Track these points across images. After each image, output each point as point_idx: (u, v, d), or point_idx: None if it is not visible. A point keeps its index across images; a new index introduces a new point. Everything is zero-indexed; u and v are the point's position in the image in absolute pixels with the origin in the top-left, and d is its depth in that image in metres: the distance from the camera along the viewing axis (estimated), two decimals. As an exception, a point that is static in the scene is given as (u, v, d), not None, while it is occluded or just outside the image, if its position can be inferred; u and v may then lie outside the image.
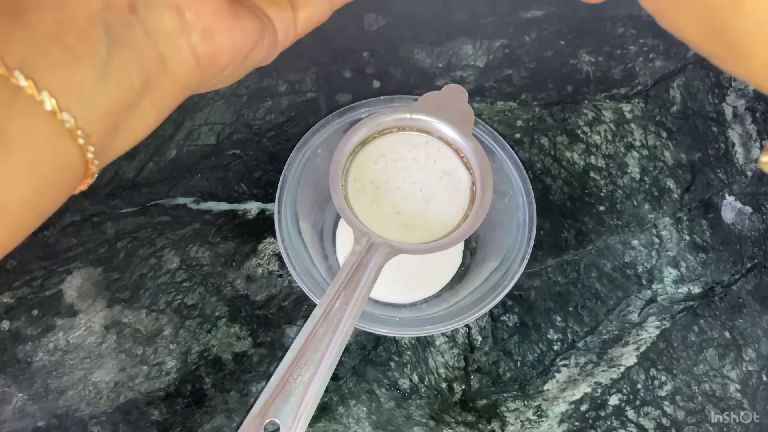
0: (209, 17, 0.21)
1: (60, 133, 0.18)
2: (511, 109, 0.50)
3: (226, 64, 0.23)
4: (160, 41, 0.20)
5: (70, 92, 0.18)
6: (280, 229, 0.37)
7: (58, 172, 0.18)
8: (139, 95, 0.20)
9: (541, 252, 0.45)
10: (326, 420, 0.39)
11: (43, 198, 0.18)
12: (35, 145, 0.17)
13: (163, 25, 0.20)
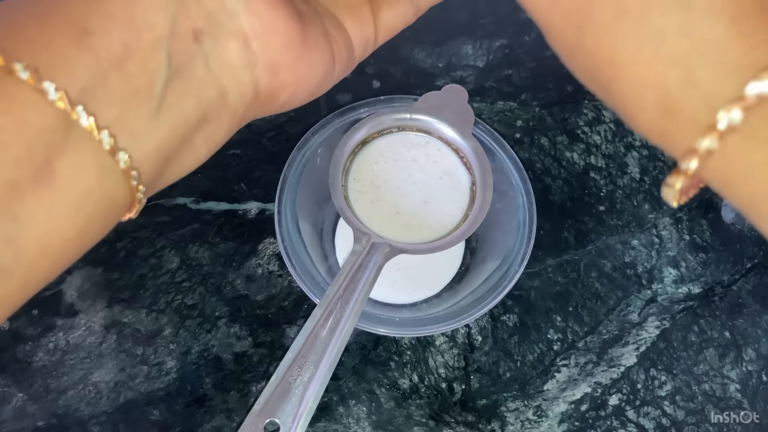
0: (278, 51, 0.20)
1: (112, 172, 0.16)
2: (511, 109, 0.50)
3: (286, 100, 0.21)
4: (222, 74, 0.19)
5: (123, 127, 0.17)
6: (280, 229, 0.37)
7: (105, 210, 0.17)
8: (195, 130, 0.19)
9: (541, 252, 0.45)
10: (326, 420, 0.39)
11: (86, 236, 0.17)
12: (84, 183, 0.16)
13: (227, 56, 0.19)
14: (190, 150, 0.19)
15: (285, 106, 0.22)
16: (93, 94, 0.16)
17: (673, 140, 0.15)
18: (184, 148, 0.19)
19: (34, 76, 0.15)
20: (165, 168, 0.19)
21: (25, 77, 0.14)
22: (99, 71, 0.16)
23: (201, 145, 0.19)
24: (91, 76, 0.16)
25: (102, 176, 0.16)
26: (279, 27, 0.19)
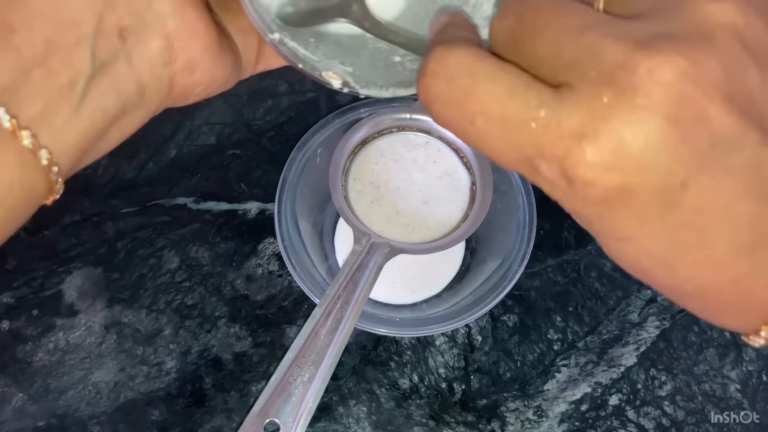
0: (197, 52, 0.21)
1: (33, 167, 0.17)
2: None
3: (197, 95, 0.23)
4: (142, 70, 0.19)
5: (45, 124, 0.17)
6: (280, 229, 0.37)
7: (25, 202, 0.18)
8: (112, 123, 0.20)
9: (541, 252, 0.45)
10: (326, 420, 0.39)
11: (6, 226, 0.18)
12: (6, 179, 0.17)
13: (149, 54, 0.19)
14: (105, 140, 0.20)
15: (195, 99, 0.23)
16: (15, 92, 0.16)
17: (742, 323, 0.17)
18: (100, 139, 0.20)
19: None
20: (82, 158, 0.19)
21: None
22: (21, 69, 0.16)
23: (115, 135, 0.20)
24: (13, 74, 0.16)
25: (23, 172, 0.17)
26: (200, 30, 0.20)
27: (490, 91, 0.15)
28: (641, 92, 0.13)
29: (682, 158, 0.13)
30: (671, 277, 0.16)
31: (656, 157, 0.13)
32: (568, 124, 0.14)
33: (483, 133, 0.16)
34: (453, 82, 0.16)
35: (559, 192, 0.15)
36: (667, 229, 0.14)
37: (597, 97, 0.13)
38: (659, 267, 0.16)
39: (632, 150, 0.13)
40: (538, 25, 0.15)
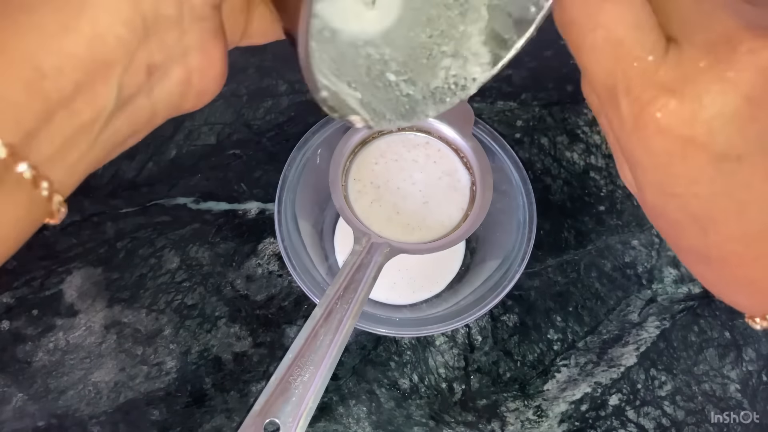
0: (210, 82, 0.21)
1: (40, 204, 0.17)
2: (511, 109, 0.50)
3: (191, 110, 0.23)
4: (159, 101, 0.20)
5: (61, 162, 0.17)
6: (280, 229, 0.37)
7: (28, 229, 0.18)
8: (121, 145, 0.20)
9: (541, 252, 0.45)
10: (326, 420, 0.39)
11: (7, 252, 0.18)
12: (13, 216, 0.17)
13: (169, 86, 0.20)
14: (107, 159, 0.20)
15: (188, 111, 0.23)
16: (36, 136, 0.16)
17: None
18: (106, 159, 0.20)
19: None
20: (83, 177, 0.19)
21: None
22: (47, 113, 0.16)
23: (116, 153, 0.20)
24: (39, 120, 0.16)
25: (31, 209, 0.17)
26: (217, 60, 0.20)
27: (624, 14, 0.16)
28: (735, 67, 0.14)
29: (746, 135, 0.15)
30: (702, 240, 0.17)
31: (725, 126, 0.15)
32: (665, 77, 0.15)
33: (594, 44, 0.17)
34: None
35: (624, 130, 0.16)
36: (714, 194, 0.16)
37: (696, 60, 0.15)
38: (695, 227, 0.17)
39: (707, 114, 0.15)
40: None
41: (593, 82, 0.18)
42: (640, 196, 0.19)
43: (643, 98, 0.16)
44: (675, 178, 0.16)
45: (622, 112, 0.16)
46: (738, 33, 0.15)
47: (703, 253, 0.18)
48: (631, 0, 0.16)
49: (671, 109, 0.15)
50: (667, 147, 0.16)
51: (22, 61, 0.15)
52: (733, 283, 0.18)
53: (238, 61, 0.51)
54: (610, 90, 0.17)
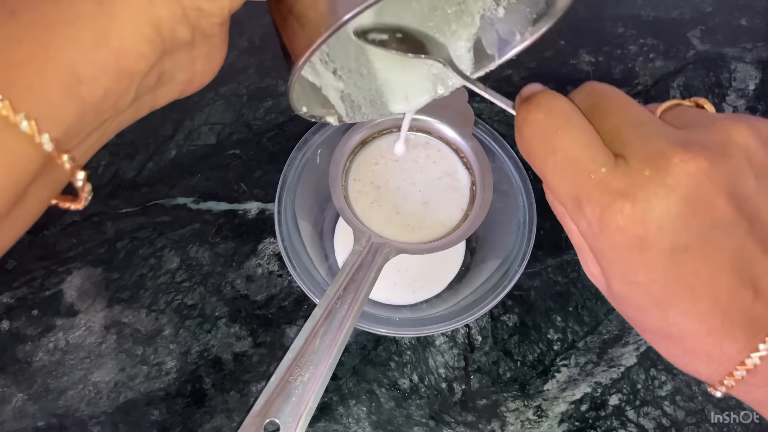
0: (209, 77, 0.23)
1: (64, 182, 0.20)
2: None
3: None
4: (161, 97, 0.22)
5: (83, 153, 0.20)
6: (280, 229, 0.37)
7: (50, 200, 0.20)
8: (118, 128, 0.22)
9: (541, 252, 0.45)
10: (326, 420, 0.39)
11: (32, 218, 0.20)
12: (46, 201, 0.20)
13: (174, 87, 0.22)
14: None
15: None
16: (74, 134, 0.19)
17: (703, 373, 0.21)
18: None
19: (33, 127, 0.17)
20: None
21: (26, 129, 0.17)
22: (81, 114, 0.18)
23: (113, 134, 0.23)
24: (74, 119, 0.18)
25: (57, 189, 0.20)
26: (218, 65, 0.23)
27: (576, 137, 0.20)
28: (672, 175, 0.18)
29: (689, 228, 0.18)
30: (663, 320, 0.20)
31: (671, 222, 0.18)
32: (617, 185, 0.19)
33: (555, 165, 0.20)
34: (551, 117, 0.21)
35: (590, 231, 0.20)
36: (669, 279, 0.19)
37: (641, 171, 0.19)
38: (656, 310, 0.20)
39: (656, 214, 0.18)
40: (612, 109, 0.21)
41: (558, 195, 0.21)
42: (605, 287, 0.22)
43: (602, 203, 0.19)
44: (636, 268, 0.19)
45: (587, 217, 0.20)
46: (671, 149, 0.18)
47: (664, 331, 0.20)
48: (580, 126, 0.20)
49: (626, 212, 0.19)
50: (627, 242, 0.19)
51: (64, 69, 0.17)
52: (692, 355, 0.20)
53: (238, 61, 0.51)
54: (574, 199, 0.20)
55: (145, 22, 0.19)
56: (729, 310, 0.19)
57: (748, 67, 0.55)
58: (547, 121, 0.21)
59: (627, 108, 0.21)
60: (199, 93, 0.52)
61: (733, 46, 0.56)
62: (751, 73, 0.55)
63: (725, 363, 0.19)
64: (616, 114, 0.21)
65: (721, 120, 0.20)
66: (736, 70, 0.55)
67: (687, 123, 0.20)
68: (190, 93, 0.24)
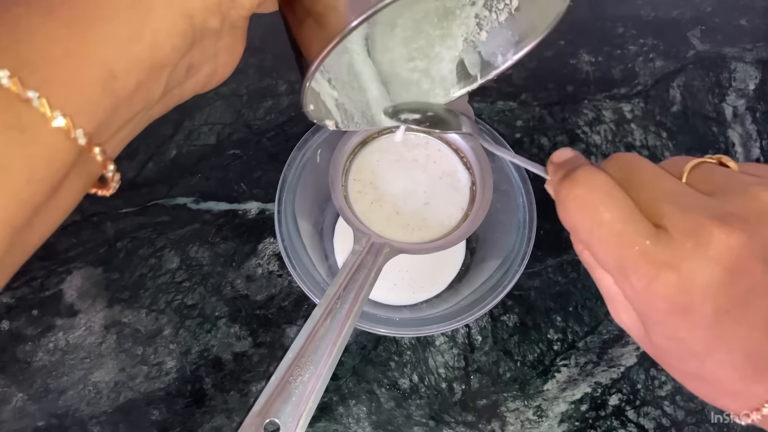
0: (229, 70, 0.24)
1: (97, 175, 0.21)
2: (511, 109, 0.50)
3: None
4: (187, 90, 0.23)
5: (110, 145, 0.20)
6: (280, 229, 0.37)
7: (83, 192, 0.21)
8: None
9: (541, 252, 0.45)
10: (326, 420, 0.39)
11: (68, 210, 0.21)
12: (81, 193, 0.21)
13: (199, 80, 0.23)
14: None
15: None
16: (106, 127, 0.19)
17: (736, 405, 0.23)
18: None
19: (68, 123, 0.17)
20: None
21: (62, 125, 0.17)
22: (114, 108, 0.19)
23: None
24: (108, 113, 0.19)
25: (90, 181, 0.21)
26: (238, 57, 0.24)
27: (618, 212, 0.22)
28: (713, 248, 0.20)
29: (729, 294, 0.20)
30: (699, 367, 0.22)
31: (713, 290, 0.20)
32: (662, 257, 0.20)
33: (600, 238, 0.22)
34: (593, 194, 0.22)
35: (636, 297, 0.21)
36: (709, 336, 0.21)
37: (683, 243, 0.20)
38: (694, 360, 0.22)
39: (699, 283, 0.20)
40: (645, 182, 0.22)
41: (605, 264, 0.22)
42: (641, 336, 0.24)
43: (649, 274, 0.21)
44: (679, 328, 0.21)
45: (633, 285, 0.21)
46: (710, 222, 0.20)
47: (699, 376, 0.23)
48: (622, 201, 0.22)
49: (672, 282, 0.20)
50: (672, 309, 0.21)
51: (100, 65, 0.18)
52: (722, 394, 0.23)
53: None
54: (620, 269, 0.21)
55: (180, 15, 0.19)
56: (759, 357, 0.21)
57: (748, 67, 0.55)
58: (590, 197, 0.22)
59: (660, 180, 0.22)
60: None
61: (733, 46, 0.56)
62: (751, 73, 0.55)
63: (752, 401, 0.22)
64: (651, 187, 0.22)
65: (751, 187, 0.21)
66: (736, 70, 0.55)
67: (717, 187, 0.22)
68: (212, 87, 0.24)
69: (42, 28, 0.17)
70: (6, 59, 0.17)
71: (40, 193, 0.18)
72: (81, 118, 0.18)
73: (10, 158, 0.17)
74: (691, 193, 0.22)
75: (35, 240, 0.20)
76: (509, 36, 0.30)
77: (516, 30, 0.30)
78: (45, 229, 0.20)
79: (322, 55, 0.21)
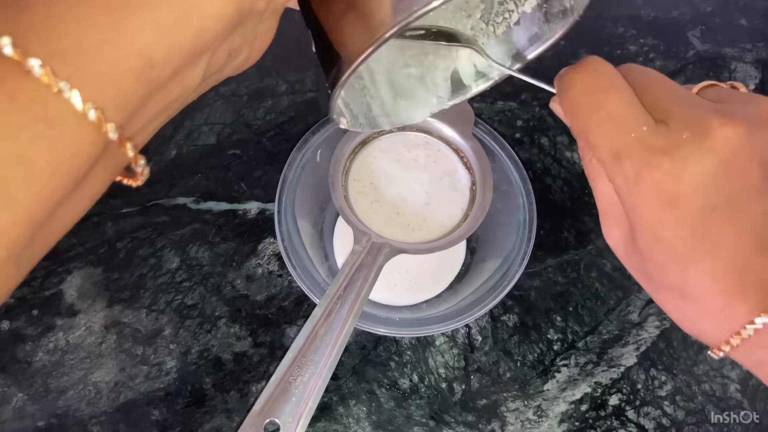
0: (257, 57, 0.23)
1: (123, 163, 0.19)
2: (511, 109, 0.50)
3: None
4: (222, 77, 0.22)
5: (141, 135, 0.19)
6: (280, 229, 0.37)
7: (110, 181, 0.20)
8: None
9: (541, 252, 0.45)
10: (326, 420, 0.39)
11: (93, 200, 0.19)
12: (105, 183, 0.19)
13: (236, 65, 0.22)
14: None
15: None
16: (136, 115, 0.18)
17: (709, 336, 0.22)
18: None
19: (100, 116, 0.16)
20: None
21: (93, 118, 0.16)
22: (147, 96, 0.18)
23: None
24: (140, 102, 0.18)
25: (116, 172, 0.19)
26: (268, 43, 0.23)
27: (621, 97, 0.21)
28: (710, 138, 0.19)
29: (720, 190, 0.19)
30: (680, 277, 0.21)
31: (704, 181, 0.19)
32: (657, 143, 0.20)
33: (598, 121, 0.22)
34: (597, 78, 0.22)
35: (626, 185, 0.21)
36: (694, 237, 0.20)
37: (680, 132, 0.20)
38: (675, 266, 0.21)
39: (691, 172, 0.19)
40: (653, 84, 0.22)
41: (599, 150, 0.22)
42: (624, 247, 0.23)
43: (641, 158, 0.20)
44: (665, 224, 0.20)
45: (625, 171, 0.21)
46: (710, 115, 0.20)
47: (680, 288, 0.21)
48: (625, 88, 0.22)
49: (664, 168, 0.20)
50: (660, 197, 0.20)
51: (138, 54, 0.17)
52: (702, 314, 0.21)
53: (238, 61, 0.51)
54: (614, 155, 0.21)
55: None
56: (745, 271, 0.20)
57: (748, 67, 0.55)
58: (593, 81, 0.22)
59: (666, 83, 0.22)
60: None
61: (733, 46, 0.56)
62: (751, 73, 0.55)
63: (733, 322, 0.20)
64: (657, 88, 0.22)
65: (758, 97, 0.21)
66: (736, 70, 0.55)
67: (724, 99, 0.22)
68: (241, 71, 0.23)
69: (78, 13, 0.16)
70: (38, 46, 0.15)
71: (63, 187, 0.17)
72: (113, 111, 0.17)
73: (35, 153, 0.15)
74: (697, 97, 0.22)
75: (56, 233, 0.18)
76: (505, 50, 0.30)
77: (510, 45, 0.30)
78: (66, 223, 0.19)
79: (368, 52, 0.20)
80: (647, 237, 0.21)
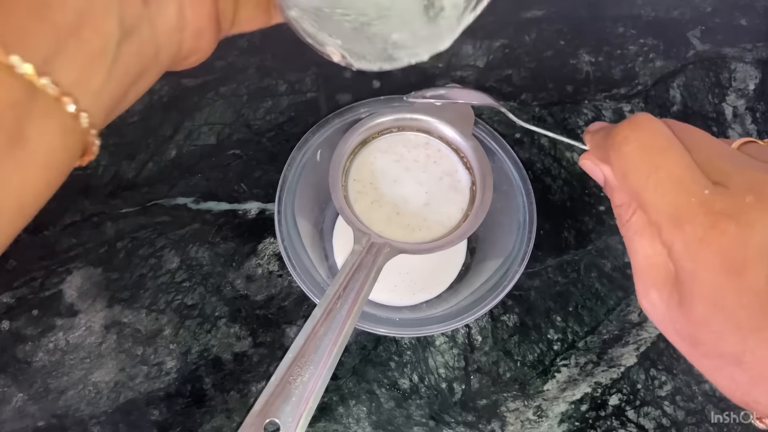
0: (204, 19, 0.22)
1: (74, 131, 0.18)
2: (511, 109, 0.50)
3: (191, 62, 0.24)
4: (160, 35, 0.21)
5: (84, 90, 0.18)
6: (280, 229, 0.37)
7: (68, 163, 0.19)
8: (133, 84, 0.21)
9: (541, 252, 0.45)
10: (326, 420, 0.39)
11: (52, 189, 0.19)
12: (52, 145, 0.18)
13: (167, 19, 0.21)
14: (124, 102, 0.21)
15: (187, 66, 0.25)
16: (53, 62, 0.17)
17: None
18: (122, 101, 0.21)
19: (2, 51, 0.16)
20: (107, 119, 0.21)
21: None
22: (58, 40, 0.17)
23: (132, 96, 0.22)
24: (51, 45, 0.17)
25: (65, 136, 0.18)
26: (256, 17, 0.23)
27: (679, 159, 0.21)
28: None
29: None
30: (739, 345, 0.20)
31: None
32: (721, 207, 0.20)
33: (657, 183, 0.21)
34: (654, 137, 0.22)
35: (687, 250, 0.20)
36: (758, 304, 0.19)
37: (743, 196, 0.19)
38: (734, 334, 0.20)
39: (757, 239, 0.19)
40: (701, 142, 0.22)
41: (657, 212, 0.21)
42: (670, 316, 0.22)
43: (706, 223, 0.20)
44: (727, 292, 0.19)
45: (686, 236, 0.20)
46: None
47: (737, 357, 0.20)
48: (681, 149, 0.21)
49: (730, 234, 0.19)
50: (725, 265, 0.19)
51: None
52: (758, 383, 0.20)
53: (238, 61, 0.51)
54: (673, 218, 0.20)
55: None
56: None
57: (748, 67, 0.55)
58: (651, 141, 0.22)
59: (713, 141, 0.22)
60: (199, 93, 0.52)
61: (733, 46, 0.56)
62: (751, 73, 0.55)
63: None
64: (705, 147, 0.22)
65: None
66: (736, 70, 0.55)
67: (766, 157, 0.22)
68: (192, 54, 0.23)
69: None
70: None
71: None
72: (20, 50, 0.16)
73: None
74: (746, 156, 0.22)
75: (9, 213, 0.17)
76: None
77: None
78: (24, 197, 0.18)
79: None
80: (706, 304, 0.20)
